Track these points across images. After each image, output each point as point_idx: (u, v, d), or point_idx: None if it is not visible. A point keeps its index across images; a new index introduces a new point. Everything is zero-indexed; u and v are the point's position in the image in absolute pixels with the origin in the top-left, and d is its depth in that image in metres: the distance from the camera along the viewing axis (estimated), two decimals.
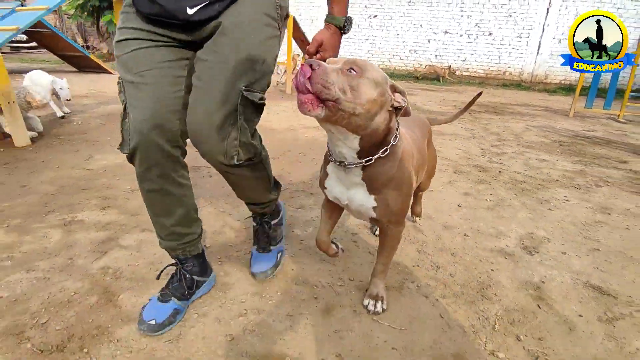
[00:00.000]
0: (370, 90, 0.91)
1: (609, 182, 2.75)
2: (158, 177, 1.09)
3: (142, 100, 1.01)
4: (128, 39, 1.02)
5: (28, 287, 1.29)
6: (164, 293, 1.20)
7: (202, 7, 0.97)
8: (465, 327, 1.21)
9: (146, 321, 1.12)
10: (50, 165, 2.51)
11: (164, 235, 1.20)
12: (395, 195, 1.09)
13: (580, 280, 1.50)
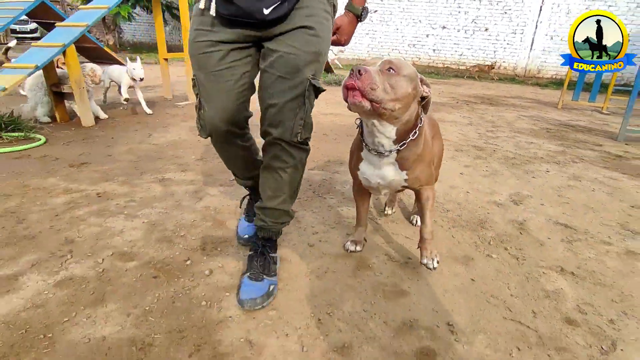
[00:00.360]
0: (406, 85, 1.13)
1: (584, 160, 3.30)
2: (229, 147, 1.38)
3: (214, 97, 1.20)
4: (203, 41, 1.16)
5: (158, 217, 1.81)
6: (249, 216, 1.63)
7: (275, 7, 1.08)
8: (469, 242, 1.74)
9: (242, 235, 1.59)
10: (120, 141, 3.00)
11: (239, 174, 1.58)
12: (423, 166, 1.34)
13: (552, 220, 2.04)
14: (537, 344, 1.17)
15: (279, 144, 1.24)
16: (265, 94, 1.21)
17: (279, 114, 1.19)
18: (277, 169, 1.29)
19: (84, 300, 1.23)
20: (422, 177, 1.36)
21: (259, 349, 1.08)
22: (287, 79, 1.16)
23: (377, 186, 1.38)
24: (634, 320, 1.29)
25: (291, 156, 1.27)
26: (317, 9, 1.16)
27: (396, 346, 1.12)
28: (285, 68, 1.15)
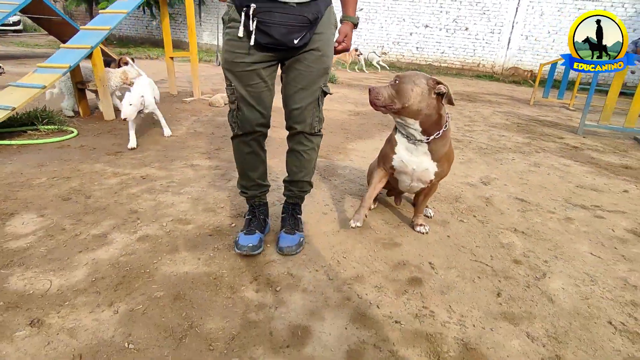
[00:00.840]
0: (407, 89, 1.58)
1: (545, 150, 3.86)
2: (254, 144, 1.66)
3: (254, 103, 1.54)
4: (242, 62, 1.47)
5: (198, 194, 2.23)
6: (250, 229, 1.72)
7: (302, 37, 1.44)
8: (446, 211, 2.23)
9: (245, 245, 1.63)
10: (142, 133, 3.38)
11: (249, 187, 1.76)
12: (447, 164, 1.78)
13: (512, 196, 2.55)
14: (492, 275, 1.66)
15: (302, 134, 1.68)
16: (289, 100, 1.62)
17: (302, 115, 1.62)
18: (300, 152, 1.72)
19: (163, 250, 1.66)
20: (444, 171, 1.80)
21: (298, 279, 1.54)
22: (306, 89, 1.58)
23: (412, 172, 1.78)
24: (561, 261, 1.80)
25: (310, 142, 1.71)
26: (327, 33, 1.54)
27: (394, 276, 1.60)
28: (304, 82, 1.57)
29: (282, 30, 1.41)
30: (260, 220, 1.78)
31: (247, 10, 1.38)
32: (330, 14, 1.55)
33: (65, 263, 1.53)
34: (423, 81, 1.62)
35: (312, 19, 1.45)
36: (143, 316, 1.28)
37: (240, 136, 1.64)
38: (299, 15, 1.42)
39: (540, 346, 1.28)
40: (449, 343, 1.26)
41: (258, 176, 1.76)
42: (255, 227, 1.74)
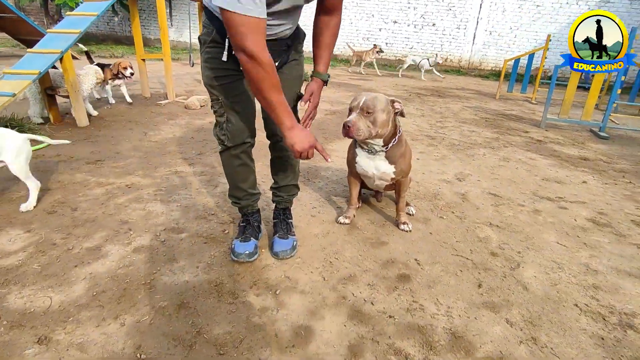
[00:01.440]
0: (381, 117, 1.73)
1: (512, 144, 4.10)
2: (244, 156, 1.68)
3: (242, 112, 1.58)
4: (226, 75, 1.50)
5: (187, 202, 2.25)
6: (245, 236, 1.76)
7: (282, 59, 1.56)
8: (427, 209, 2.37)
9: (242, 252, 1.68)
10: (120, 140, 3.33)
11: (241, 197, 1.80)
12: (404, 162, 1.93)
13: (485, 191, 2.73)
14: (472, 267, 1.80)
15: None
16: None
17: None
18: (285, 158, 1.82)
19: (161, 260, 1.69)
20: (404, 169, 1.97)
21: (295, 281, 1.62)
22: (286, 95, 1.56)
23: (373, 175, 1.97)
24: (532, 251, 1.97)
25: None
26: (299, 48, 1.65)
27: (384, 273, 1.71)
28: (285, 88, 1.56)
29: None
30: (254, 228, 1.84)
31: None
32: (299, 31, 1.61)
33: (63, 278, 1.54)
34: (388, 106, 1.78)
35: (290, 43, 1.57)
36: (150, 326, 1.32)
37: (230, 149, 1.65)
38: (280, 42, 1.50)
39: (518, 330, 1.42)
40: (439, 333, 1.39)
41: (249, 186, 1.80)
42: (250, 234, 1.80)
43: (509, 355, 1.31)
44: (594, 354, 1.33)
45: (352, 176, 2.11)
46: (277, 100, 1.34)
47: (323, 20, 1.60)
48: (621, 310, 1.57)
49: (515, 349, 1.34)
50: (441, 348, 1.32)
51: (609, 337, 1.42)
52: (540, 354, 1.32)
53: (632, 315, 1.54)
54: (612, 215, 2.47)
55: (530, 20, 11.83)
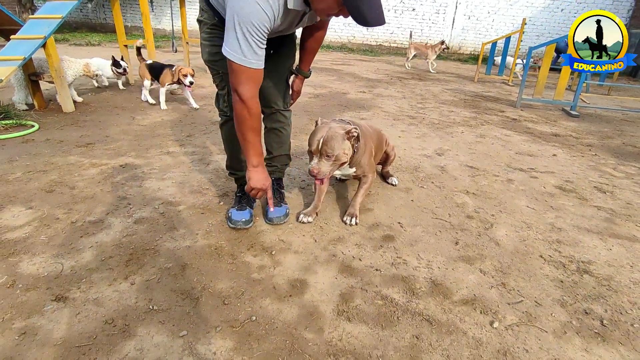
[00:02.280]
0: (342, 155, 1.75)
1: (489, 123, 4.30)
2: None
3: None
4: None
5: (182, 178, 2.35)
6: (241, 205, 1.91)
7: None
8: (408, 180, 2.53)
9: (238, 220, 1.83)
10: (108, 124, 3.37)
11: (238, 168, 1.94)
12: (362, 164, 1.97)
13: (463, 164, 2.91)
14: (450, 228, 1.97)
15: (278, 112, 1.91)
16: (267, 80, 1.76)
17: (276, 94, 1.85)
18: (279, 128, 1.96)
19: (162, 229, 1.80)
20: (363, 169, 2.01)
21: (289, 243, 1.76)
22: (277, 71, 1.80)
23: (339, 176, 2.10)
24: (504, 214, 2.16)
25: (285, 117, 1.96)
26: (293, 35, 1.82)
27: (370, 235, 1.86)
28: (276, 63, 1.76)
29: None
30: (249, 198, 1.97)
31: None
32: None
33: (70, 247, 1.64)
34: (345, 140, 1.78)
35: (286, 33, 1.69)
36: (159, 284, 1.44)
37: (231, 119, 1.71)
38: None
39: (490, 278, 1.60)
40: (421, 282, 1.55)
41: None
42: (246, 203, 1.94)
43: (481, 297, 1.48)
44: (553, 294, 1.52)
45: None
46: (253, 140, 1.54)
47: (312, 33, 1.80)
48: (579, 259, 1.77)
49: (487, 292, 1.52)
50: (422, 293, 1.49)
51: (568, 280, 1.61)
52: (509, 295, 1.50)
53: (588, 263, 1.74)
54: (577, 182, 2.68)
55: (507, 5, 12.06)
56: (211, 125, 3.52)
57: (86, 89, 4.63)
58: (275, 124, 1.95)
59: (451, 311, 1.41)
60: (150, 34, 4.65)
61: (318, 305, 1.39)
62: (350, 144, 1.84)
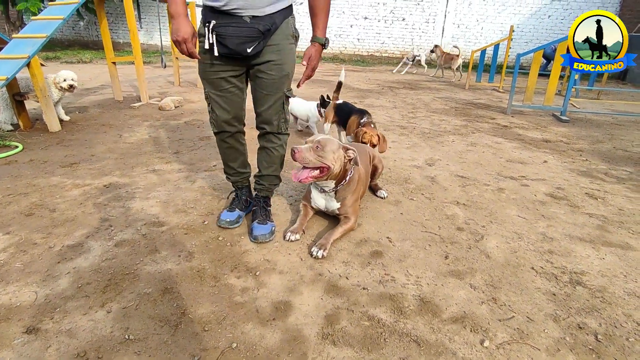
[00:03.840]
0: (329, 156, 1.76)
1: (480, 131, 4.29)
2: (232, 140, 1.92)
3: (225, 105, 1.80)
4: (213, 71, 1.72)
5: (166, 197, 2.30)
6: (232, 207, 2.04)
7: (255, 47, 1.63)
8: (398, 192, 2.49)
9: (224, 219, 1.96)
10: (94, 143, 3.33)
11: (231, 174, 2.05)
12: (348, 202, 1.94)
13: (453, 174, 2.88)
14: (440, 242, 1.93)
15: (271, 134, 1.91)
16: (257, 104, 1.86)
17: (269, 117, 1.85)
18: (270, 149, 1.94)
19: (143, 252, 1.75)
20: (346, 209, 1.96)
21: (274, 262, 1.71)
22: (270, 95, 1.79)
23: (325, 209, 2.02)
24: (495, 224, 2.12)
25: (278, 139, 1.94)
26: (283, 44, 1.71)
27: (358, 251, 1.82)
28: (268, 88, 1.78)
29: (236, 41, 1.62)
30: (241, 200, 2.08)
31: (209, 25, 1.61)
32: (288, 25, 1.72)
33: (46, 274, 1.58)
34: (340, 150, 1.83)
35: (263, 30, 1.63)
36: (137, 311, 1.39)
37: (217, 134, 1.93)
38: (250, 27, 1.61)
39: (480, 293, 1.56)
40: (409, 300, 1.50)
41: (238, 165, 2.05)
42: (236, 205, 2.06)
43: (471, 314, 1.44)
44: (546, 308, 1.48)
45: (306, 204, 2.09)
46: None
47: None
48: (572, 270, 1.73)
49: (478, 308, 1.47)
50: (410, 312, 1.44)
51: (560, 293, 1.57)
52: (499, 311, 1.46)
53: (581, 274, 1.70)
54: (569, 189, 2.66)
55: (495, 12, 12.23)
56: (199, 141, 3.48)
57: (74, 107, 4.60)
58: (266, 144, 1.94)
59: (440, 330, 1.36)
60: (138, 51, 4.63)
61: (302, 329, 1.34)
62: (344, 160, 1.87)
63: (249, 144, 2.14)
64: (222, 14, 1.61)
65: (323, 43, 1.77)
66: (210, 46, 1.65)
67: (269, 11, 1.63)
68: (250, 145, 2.17)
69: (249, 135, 2.16)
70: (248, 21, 1.61)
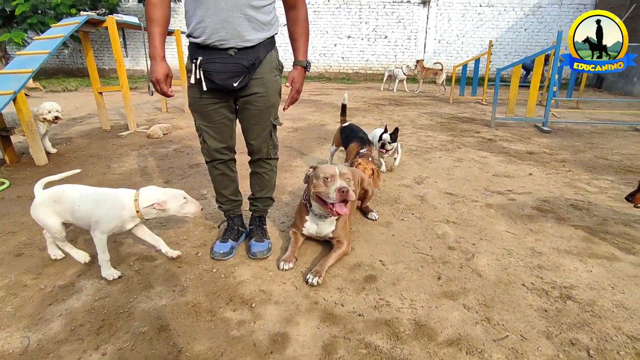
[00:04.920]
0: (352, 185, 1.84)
1: (466, 145, 4.39)
2: (222, 167, 1.98)
3: (215, 135, 1.86)
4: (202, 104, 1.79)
5: (159, 230, 2.29)
6: (224, 238, 2.04)
7: (240, 81, 1.70)
8: (388, 213, 2.53)
9: (218, 252, 1.95)
10: (82, 175, 3.30)
11: (223, 202, 2.08)
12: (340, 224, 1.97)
13: (442, 191, 2.93)
14: (432, 262, 1.96)
15: (261, 160, 2.00)
16: (246, 134, 1.94)
17: (258, 145, 1.95)
18: (261, 173, 2.05)
19: (137, 288, 1.74)
20: (339, 233, 1.98)
21: (269, 293, 1.71)
22: (258, 124, 1.88)
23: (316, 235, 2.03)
24: (485, 242, 2.17)
25: (269, 164, 2.04)
26: (268, 77, 1.78)
27: (352, 277, 1.83)
28: (256, 119, 1.86)
29: (222, 76, 1.69)
30: (234, 230, 2.10)
31: (196, 61, 1.67)
32: (272, 58, 1.78)
33: (38, 318, 1.56)
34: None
35: (247, 64, 1.69)
36: (132, 352, 1.37)
37: (209, 162, 1.98)
38: (235, 63, 1.67)
39: (474, 313, 1.58)
40: (405, 324, 1.52)
41: (230, 193, 2.08)
42: (229, 236, 2.07)
43: (466, 336, 1.45)
44: (538, 325, 1.51)
45: (296, 232, 2.08)
46: (150, 30, 1.63)
47: (290, 16, 1.83)
48: (561, 284, 1.77)
49: (472, 329, 1.49)
50: (407, 337, 1.45)
51: (552, 308, 1.60)
52: (494, 331, 1.48)
53: (570, 288, 1.74)
54: (554, 201, 2.73)
55: (474, 27, 12.62)
56: (189, 168, 3.49)
57: (60, 139, 4.58)
58: (258, 169, 2.05)
59: (436, 354, 1.37)
60: (125, 80, 4.66)
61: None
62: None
63: (240, 169, 2.17)
64: (208, 49, 1.66)
65: (305, 66, 1.85)
66: (198, 81, 1.71)
67: (252, 41, 1.67)
68: (242, 170, 2.19)
69: (240, 160, 2.19)
70: (233, 55, 1.66)
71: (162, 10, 1.63)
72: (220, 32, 1.62)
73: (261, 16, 1.68)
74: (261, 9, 1.67)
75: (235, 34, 1.63)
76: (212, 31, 1.62)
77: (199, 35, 1.65)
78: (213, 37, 1.63)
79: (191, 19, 1.66)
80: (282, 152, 4.00)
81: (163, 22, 1.64)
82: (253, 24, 1.66)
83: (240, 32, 1.64)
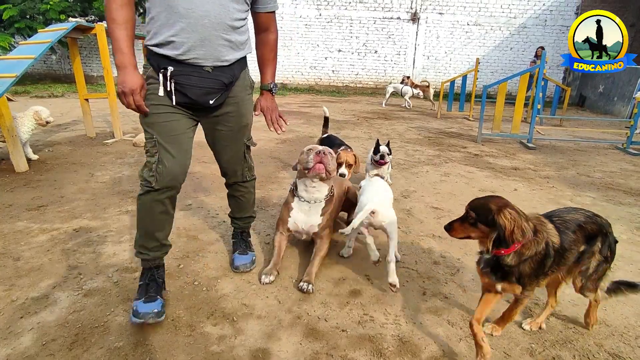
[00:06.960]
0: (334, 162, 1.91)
1: (452, 160, 4.43)
2: (168, 202, 1.60)
3: (175, 154, 1.54)
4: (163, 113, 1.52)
5: None
6: (149, 295, 1.57)
7: (217, 98, 1.59)
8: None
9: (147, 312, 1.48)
10: (64, 183, 3.23)
11: (152, 247, 1.63)
12: (326, 218, 1.97)
13: (429, 205, 2.94)
14: (417, 277, 1.95)
15: (236, 184, 1.95)
16: (218, 156, 1.84)
17: (231, 168, 1.88)
18: (238, 196, 2.00)
19: (115, 301, 1.68)
20: (325, 226, 1.99)
21: (252, 307, 1.67)
22: (230, 146, 1.79)
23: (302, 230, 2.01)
24: (469, 256, 2.17)
25: (245, 187, 1.99)
26: (242, 95, 1.71)
27: (336, 291, 1.81)
28: (227, 140, 1.76)
29: (198, 92, 1.55)
30: (158, 284, 1.67)
31: (165, 72, 1.49)
32: (245, 76, 1.72)
33: (8, 331, 1.49)
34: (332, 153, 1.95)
35: (227, 82, 1.60)
36: None
37: (155, 192, 1.55)
38: (215, 79, 1.56)
39: (458, 329, 1.57)
40: (388, 341, 1.50)
41: (163, 236, 1.68)
42: (155, 291, 1.61)
43: (450, 353, 1.44)
44: (522, 342, 1.50)
45: (280, 235, 2.07)
46: (114, 34, 1.41)
47: (261, 38, 1.78)
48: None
49: (456, 346, 1.48)
50: (390, 354, 1.43)
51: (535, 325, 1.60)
52: None
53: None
54: None
55: (462, 45, 12.91)
56: None
57: (43, 145, 4.48)
58: (235, 192, 2.00)
59: None
60: (112, 87, 4.61)
61: None
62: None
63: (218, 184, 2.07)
64: (180, 64, 1.50)
65: (270, 89, 1.82)
66: (167, 93, 1.53)
67: (229, 60, 1.58)
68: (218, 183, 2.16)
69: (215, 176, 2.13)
70: (210, 71, 1.54)
71: (129, 11, 1.42)
72: (198, 50, 1.48)
73: (237, 37, 1.58)
74: (238, 29, 1.58)
75: (215, 53, 1.52)
76: (188, 48, 1.47)
77: (171, 49, 1.47)
78: (189, 54, 1.48)
79: (160, 29, 1.46)
80: (269, 164, 3.99)
81: (130, 24, 1.43)
82: (232, 44, 1.57)
83: (220, 52, 1.54)
